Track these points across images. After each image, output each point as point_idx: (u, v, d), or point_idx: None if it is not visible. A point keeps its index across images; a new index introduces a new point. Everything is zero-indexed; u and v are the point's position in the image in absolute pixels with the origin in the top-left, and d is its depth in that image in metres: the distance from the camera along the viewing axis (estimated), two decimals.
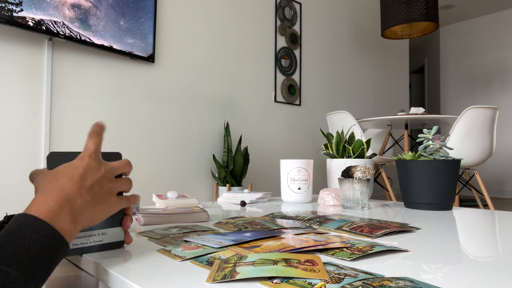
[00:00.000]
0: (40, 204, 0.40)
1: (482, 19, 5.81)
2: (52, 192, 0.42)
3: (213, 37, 2.91)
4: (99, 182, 0.47)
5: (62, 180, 0.44)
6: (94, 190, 0.46)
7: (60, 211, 0.41)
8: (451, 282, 0.40)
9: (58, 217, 0.40)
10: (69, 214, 0.42)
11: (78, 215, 0.43)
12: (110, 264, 0.46)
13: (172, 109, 2.65)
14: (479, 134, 2.71)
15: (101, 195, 0.47)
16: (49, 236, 0.38)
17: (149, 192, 2.49)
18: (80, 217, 0.43)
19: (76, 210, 0.43)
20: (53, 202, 0.41)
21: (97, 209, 0.46)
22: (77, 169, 0.45)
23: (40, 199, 0.41)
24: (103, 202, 0.47)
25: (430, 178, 0.98)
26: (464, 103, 5.96)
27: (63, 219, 0.41)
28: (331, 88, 3.93)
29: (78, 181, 0.44)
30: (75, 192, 0.43)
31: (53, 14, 2.01)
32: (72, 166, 0.46)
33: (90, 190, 0.45)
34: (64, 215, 0.41)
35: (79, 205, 0.43)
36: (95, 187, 0.46)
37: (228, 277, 0.39)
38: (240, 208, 1.06)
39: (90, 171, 0.46)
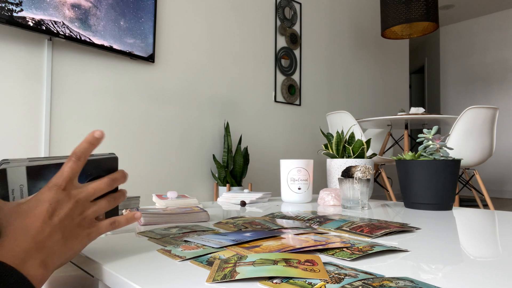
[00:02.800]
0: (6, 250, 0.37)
1: (482, 19, 5.81)
2: (17, 235, 0.38)
3: (213, 37, 2.91)
4: (69, 216, 0.42)
5: (27, 220, 0.39)
6: (64, 226, 0.41)
7: (27, 257, 0.37)
8: (451, 282, 0.40)
9: (26, 263, 0.37)
10: (38, 258, 0.38)
11: (49, 258, 0.40)
12: (110, 264, 0.46)
13: (172, 109, 2.65)
14: (479, 134, 2.71)
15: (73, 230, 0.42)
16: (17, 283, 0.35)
17: (149, 192, 2.49)
18: (51, 259, 0.40)
19: (45, 252, 0.39)
20: (19, 248, 0.37)
21: (69, 247, 0.42)
22: (42, 204, 0.40)
23: (6, 245, 0.37)
24: (76, 237, 0.43)
25: (430, 178, 0.98)
26: (464, 103, 5.96)
27: (31, 265, 0.38)
28: (331, 88, 3.93)
29: (44, 218, 0.40)
30: (42, 232, 0.39)
31: (53, 14, 2.01)
32: (37, 200, 0.41)
33: (59, 227, 0.41)
34: (32, 260, 0.38)
35: (48, 246, 0.40)
36: (65, 223, 0.41)
37: (228, 277, 0.39)
38: (240, 208, 1.06)
39: (58, 205, 0.41)
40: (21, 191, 0.44)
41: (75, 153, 0.43)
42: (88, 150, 0.44)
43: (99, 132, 0.44)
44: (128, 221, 0.49)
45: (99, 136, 0.44)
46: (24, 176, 0.43)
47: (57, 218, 0.41)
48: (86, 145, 0.44)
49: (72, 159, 0.43)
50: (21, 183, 0.43)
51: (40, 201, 0.41)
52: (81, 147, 0.44)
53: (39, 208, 0.40)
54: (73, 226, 0.42)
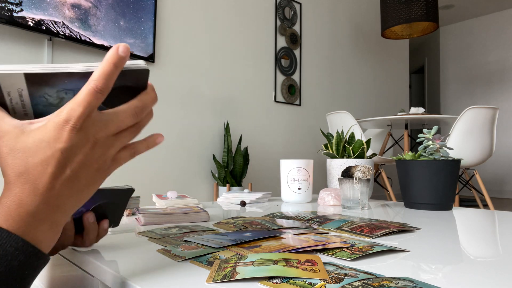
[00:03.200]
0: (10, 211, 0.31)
1: (482, 19, 5.81)
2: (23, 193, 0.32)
3: (213, 37, 2.92)
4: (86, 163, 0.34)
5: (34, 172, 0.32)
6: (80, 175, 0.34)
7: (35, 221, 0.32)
8: (451, 282, 0.40)
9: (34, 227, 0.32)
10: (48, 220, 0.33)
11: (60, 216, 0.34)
12: (110, 264, 0.46)
13: (172, 109, 2.65)
14: (479, 134, 2.71)
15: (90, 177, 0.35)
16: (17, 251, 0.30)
17: (149, 192, 2.49)
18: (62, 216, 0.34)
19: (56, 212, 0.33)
20: (25, 211, 0.31)
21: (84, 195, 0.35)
22: (52, 152, 0.32)
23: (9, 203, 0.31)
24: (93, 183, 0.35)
25: (430, 178, 0.98)
26: (464, 103, 5.96)
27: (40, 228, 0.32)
28: (331, 88, 3.93)
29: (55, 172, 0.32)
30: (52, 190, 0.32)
31: (53, 14, 2.01)
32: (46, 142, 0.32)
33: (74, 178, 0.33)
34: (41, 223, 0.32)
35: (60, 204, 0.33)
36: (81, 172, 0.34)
37: (228, 277, 0.39)
38: (240, 208, 1.06)
39: (72, 151, 0.32)
40: (20, 94, 0.34)
41: (96, 81, 0.32)
42: (114, 77, 0.33)
43: (123, 47, 0.33)
44: (148, 147, 0.39)
45: (124, 54, 0.33)
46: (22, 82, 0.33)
47: (71, 169, 0.33)
48: (110, 70, 0.32)
49: (91, 89, 0.32)
50: (19, 87, 0.33)
51: (49, 145, 0.32)
52: (104, 72, 0.32)
53: (48, 157, 0.32)
54: (91, 173, 0.34)
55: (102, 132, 0.34)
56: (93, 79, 0.32)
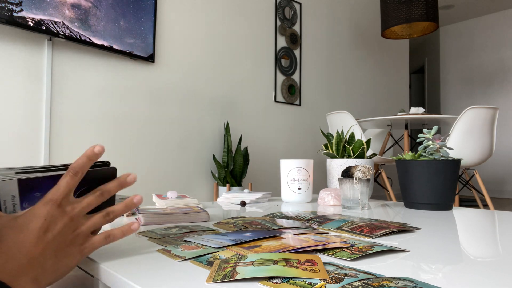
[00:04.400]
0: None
1: (482, 19, 5.81)
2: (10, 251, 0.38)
3: (213, 37, 2.92)
4: (62, 232, 0.41)
5: (21, 236, 0.39)
6: (57, 242, 0.41)
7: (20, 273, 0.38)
8: (451, 282, 0.40)
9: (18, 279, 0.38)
10: (31, 274, 0.39)
11: (41, 274, 0.40)
12: (110, 264, 0.46)
13: (172, 109, 2.65)
14: (479, 134, 2.71)
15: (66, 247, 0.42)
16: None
17: (149, 192, 2.49)
18: (43, 275, 0.40)
19: (38, 269, 0.39)
20: (11, 264, 0.38)
21: (62, 263, 0.42)
22: (37, 220, 0.40)
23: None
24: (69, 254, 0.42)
25: (430, 178, 0.98)
26: (464, 103, 5.96)
27: (24, 281, 0.38)
28: (331, 88, 3.93)
29: (38, 234, 0.40)
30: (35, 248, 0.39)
31: (53, 14, 2.01)
32: (32, 214, 0.41)
33: (52, 243, 0.41)
34: (24, 276, 0.38)
35: (41, 263, 0.40)
36: (58, 239, 0.41)
37: (228, 277, 0.39)
38: (240, 208, 1.06)
39: (53, 221, 0.41)
40: (13, 201, 0.44)
41: (73, 168, 0.43)
42: (87, 166, 0.44)
43: (99, 147, 0.43)
44: (124, 234, 0.47)
45: (98, 152, 0.43)
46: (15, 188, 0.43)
47: (51, 234, 0.41)
48: (84, 160, 0.43)
49: (70, 174, 0.42)
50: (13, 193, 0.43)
51: (35, 216, 0.40)
52: (79, 163, 0.43)
53: (33, 224, 0.40)
54: (67, 243, 0.42)
55: (76, 210, 0.43)
56: (70, 167, 0.43)
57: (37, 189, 0.45)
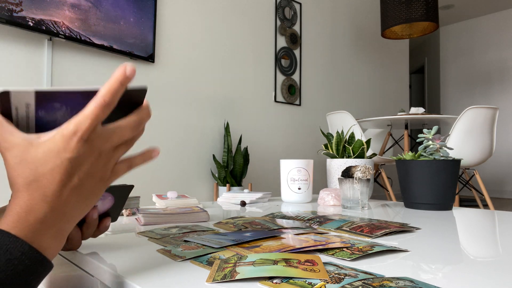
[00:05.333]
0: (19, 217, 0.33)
1: (482, 19, 5.81)
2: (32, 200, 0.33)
3: (213, 37, 2.92)
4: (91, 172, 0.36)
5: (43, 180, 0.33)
6: (85, 184, 0.36)
7: (43, 228, 0.34)
8: (451, 282, 0.40)
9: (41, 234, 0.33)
10: (54, 227, 0.34)
11: (66, 224, 0.36)
12: (110, 264, 0.46)
13: (172, 109, 2.65)
14: (479, 134, 2.71)
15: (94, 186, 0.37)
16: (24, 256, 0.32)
17: (149, 192, 2.49)
18: (68, 224, 0.36)
19: (62, 219, 0.35)
20: (34, 217, 0.33)
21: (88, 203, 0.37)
22: (61, 161, 0.33)
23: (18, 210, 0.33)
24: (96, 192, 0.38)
25: (430, 178, 0.98)
26: (464, 103, 5.96)
27: (47, 235, 0.34)
28: (331, 88, 3.93)
29: (63, 180, 0.34)
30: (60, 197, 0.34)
31: (53, 14, 2.01)
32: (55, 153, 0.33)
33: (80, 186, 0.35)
34: (48, 230, 0.34)
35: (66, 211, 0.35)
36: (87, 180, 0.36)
37: (228, 277, 0.39)
38: (240, 208, 1.06)
39: (79, 161, 0.34)
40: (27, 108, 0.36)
41: (104, 96, 0.34)
42: (119, 93, 0.35)
43: (130, 68, 0.36)
44: (145, 160, 0.42)
45: (130, 75, 0.35)
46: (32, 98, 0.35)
47: (78, 177, 0.35)
48: (116, 86, 0.35)
49: (98, 103, 0.34)
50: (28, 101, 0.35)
51: (58, 155, 0.33)
52: (111, 89, 0.35)
53: (57, 166, 0.33)
54: (95, 182, 0.37)
55: (107, 143, 0.36)
56: (101, 94, 0.34)
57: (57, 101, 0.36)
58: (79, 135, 0.34)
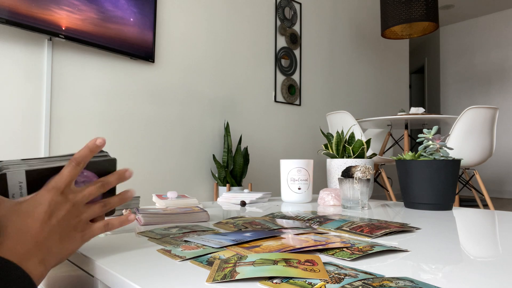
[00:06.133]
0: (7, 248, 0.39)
1: (482, 19, 5.81)
2: (18, 235, 0.41)
3: (213, 37, 2.91)
4: (66, 218, 0.44)
5: (28, 221, 0.42)
6: (61, 227, 0.44)
7: (28, 256, 0.40)
8: (451, 282, 0.40)
9: (27, 262, 0.40)
10: (38, 256, 0.41)
11: (47, 256, 0.42)
12: (110, 264, 0.46)
13: (172, 109, 2.65)
14: (479, 134, 2.71)
15: (68, 232, 0.45)
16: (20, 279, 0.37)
17: (149, 192, 2.49)
18: (49, 258, 0.43)
19: (44, 251, 0.42)
20: (21, 247, 0.40)
21: (65, 247, 0.44)
22: (42, 206, 0.43)
23: (7, 244, 0.40)
24: (71, 239, 0.45)
25: (430, 178, 0.98)
26: (464, 103, 5.96)
27: (32, 263, 0.40)
28: (331, 88, 3.93)
29: (44, 219, 0.42)
30: (41, 233, 0.42)
31: (53, 14, 2.01)
32: (37, 201, 0.43)
33: (57, 228, 0.43)
34: (32, 258, 0.41)
35: (47, 246, 0.42)
36: (62, 224, 0.44)
37: (228, 277, 0.39)
38: (240, 208, 1.06)
39: (56, 207, 0.44)
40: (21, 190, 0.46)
41: (75, 158, 0.45)
42: (88, 157, 0.46)
43: (100, 139, 0.47)
44: (122, 223, 0.50)
45: (100, 144, 0.46)
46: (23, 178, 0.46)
47: (55, 219, 0.43)
48: (86, 152, 0.46)
49: (72, 164, 0.45)
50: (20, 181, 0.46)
51: (40, 202, 0.43)
52: (81, 153, 0.46)
53: (38, 209, 0.42)
54: (69, 228, 0.45)
55: (78, 197, 0.46)
56: (73, 158, 0.46)
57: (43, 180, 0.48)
58: (57, 187, 0.44)
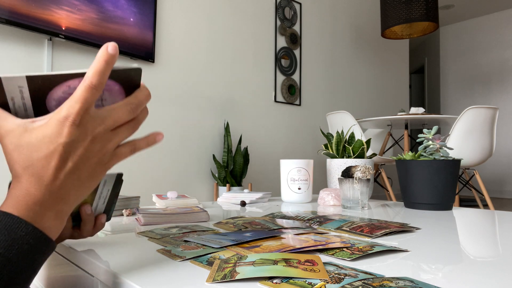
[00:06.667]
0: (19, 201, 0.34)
1: (482, 19, 5.81)
2: (30, 184, 0.34)
3: (213, 37, 2.91)
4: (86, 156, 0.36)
5: (39, 165, 0.34)
6: (80, 168, 0.36)
7: (42, 209, 0.34)
8: (451, 282, 0.40)
9: (41, 215, 0.34)
10: (53, 209, 0.35)
11: (64, 205, 0.36)
12: (110, 264, 0.46)
13: (172, 109, 2.65)
14: (479, 134, 2.71)
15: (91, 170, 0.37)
16: (28, 236, 0.33)
17: (149, 192, 2.49)
18: (67, 206, 0.37)
19: (61, 201, 0.36)
20: (33, 200, 0.34)
21: (86, 186, 0.38)
22: (55, 146, 0.34)
23: (18, 194, 0.34)
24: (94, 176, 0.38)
25: (430, 178, 0.98)
26: (464, 103, 5.96)
27: (47, 217, 0.35)
28: (331, 88, 3.93)
29: (58, 165, 0.34)
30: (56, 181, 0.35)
31: (53, 14, 2.01)
32: (48, 138, 0.34)
33: (76, 170, 0.36)
34: (47, 211, 0.35)
35: (64, 194, 0.36)
36: (82, 164, 0.36)
37: (228, 277, 0.39)
38: (240, 208, 1.06)
39: (73, 146, 0.35)
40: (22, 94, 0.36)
41: (91, 78, 0.34)
42: (106, 73, 0.35)
43: (112, 46, 0.35)
44: (149, 144, 0.41)
45: (113, 52, 0.34)
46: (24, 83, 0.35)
47: (72, 162, 0.35)
48: (102, 67, 0.34)
49: (86, 86, 0.34)
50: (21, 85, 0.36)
51: (52, 141, 0.34)
52: (97, 70, 0.34)
53: (51, 152, 0.34)
54: (92, 165, 0.37)
55: (100, 127, 0.36)
56: (87, 76, 0.34)
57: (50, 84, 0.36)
58: (71, 120, 0.34)
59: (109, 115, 0.37)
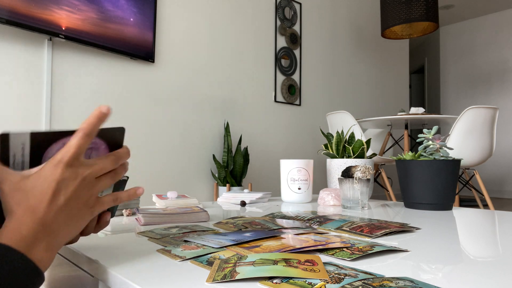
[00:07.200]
0: (12, 232, 0.36)
1: (482, 19, 5.81)
2: (24, 216, 0.37)
3: (213, 37, 2.92)
4: (75, 195, 0.40)
5: (33, 200, 0.38)
6: (70, 205, 0.40)
7: (34, 240, 0.37)
8: (451, 282, 0.40)
9: (33, 246, 0.37)
10: (45, 240, 0.38)
11: (54, 240, 0.39)
12: (110, 264, 0.46)
13: (172, 109, 2.65)
14: (479, 134, 2.71)
15: (79, 210, 0.41)
16: (23, 267, 0.35)
17: (149, 192, 2.49)
18: (57, 240, 0.39)
19: (51, 235, 0.39)
20: (26, 230, 0.37)
21: (74, 226, 0.41)
22: (49, 184, 0.39)
23: (12, 226, 0.37)
24: (81, 216, 0.42)
25: (430, 178, 0.98)
26: (464, 103, 5.96)
27: (38, 248, 0.37)
28: (331, 88, 3.93)
29: (51, 199, 0.38)
30: (48, 214, 0.38)
31: (53, 14, 2.01)
32: (43, 178, 0.39)
33: (66, 207, 0.40)
34: (39, 243, 0.37)
35: (54, 228, 0.39)
36: (72, 202, 0.40)
37: (228, 277, 0.39)
38: (240, 208, 1.06)
39: (64, 183, 0.39)
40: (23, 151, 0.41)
41: (83, 129, 0.40)
42: (96, 126, 0.41)
43: (105, 107, 0.41)
44: (130, 197, 0.47)
45: (106, 112, 0.41)
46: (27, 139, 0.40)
47: (63, 198, 0.39)
48: (94, 120, 0.41)
49: (80, 135, 0.40)
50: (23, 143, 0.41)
51: (46, 179, 0.39)
52: (89, 122, 0.41)
53: (45, 188, 0.38)
54: (80, 205, 0.41)
55: (88, 171, 0.42)
56: (81, 127, 0.41)
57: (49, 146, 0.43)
58: (65, 161, 0.39)
59: (96, 163, 0.43)
